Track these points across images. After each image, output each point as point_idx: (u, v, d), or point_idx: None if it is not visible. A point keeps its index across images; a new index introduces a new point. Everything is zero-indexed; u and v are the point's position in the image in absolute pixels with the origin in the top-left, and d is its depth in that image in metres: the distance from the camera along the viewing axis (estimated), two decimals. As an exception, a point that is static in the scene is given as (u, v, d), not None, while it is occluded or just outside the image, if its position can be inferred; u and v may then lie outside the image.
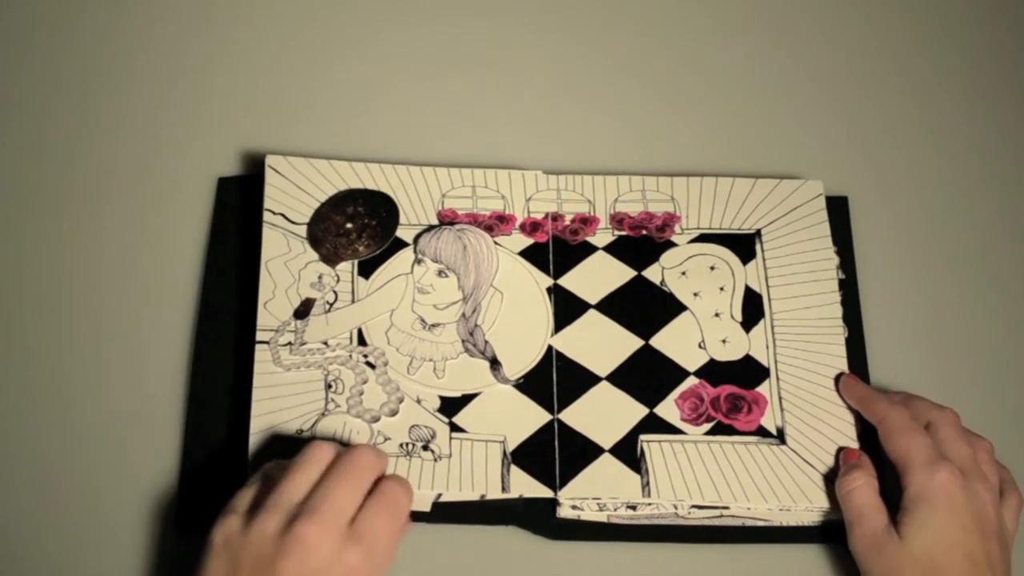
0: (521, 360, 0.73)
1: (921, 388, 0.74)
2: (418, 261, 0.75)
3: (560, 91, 0.86)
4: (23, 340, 0.75)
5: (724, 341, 0.75)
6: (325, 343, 0.72)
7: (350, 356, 0.71)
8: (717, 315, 0.75)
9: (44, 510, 0.70)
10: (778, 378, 0.74)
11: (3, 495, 0.70)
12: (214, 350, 0.73)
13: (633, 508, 0.70)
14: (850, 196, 0.81)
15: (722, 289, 0.76)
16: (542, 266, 0.76)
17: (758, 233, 0.78)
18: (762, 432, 0.72)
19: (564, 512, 0.70)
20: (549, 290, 0.75)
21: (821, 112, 0.86)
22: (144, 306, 0.76)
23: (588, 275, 0.76)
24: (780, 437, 0.72)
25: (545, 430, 0.71)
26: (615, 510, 0.70)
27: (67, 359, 0.74)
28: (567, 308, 0.75)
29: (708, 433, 0.72)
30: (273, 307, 0.72)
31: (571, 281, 0.76)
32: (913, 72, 0.88)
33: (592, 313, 0.75)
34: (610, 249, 0.77)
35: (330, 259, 0.74)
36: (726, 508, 0.70)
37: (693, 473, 0.70)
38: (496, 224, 0.77)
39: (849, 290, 0.78)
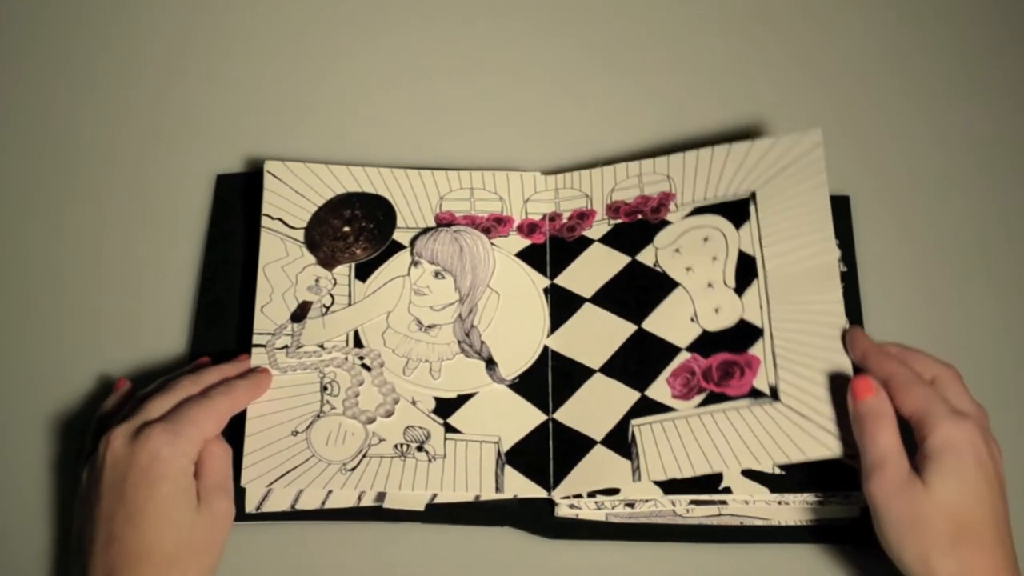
0: (517, 360, 0.73)
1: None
2: (415, 263, 0.76)
3: (553, 88, 0.86)
4: (22, 335, 0.76)
5: (717, 310, 0.73)
6: (321, 346, 0.72)
7: (346, 358, 0.72)
8: (710, 285, 0.73)
9: (44, 509, 0.71)
10: (772, 335, 0.71)
11: (3, 495, 0.72)
12: (211, 348, 0.74)
13: (631, 506, 0.70)
14: (852, 196, 0.81)
15: (715, 259, 0.74)
16: (539, 267, 0.76)
17: (752, 196, 0.75)
18: (755, 394, 0.69)
19: (562, 511, 0.70)
20: (546, 290, 0.76)
21: (823, 113, 0.85)
22: (143, 302, 0.77)
23: (584, 269, 0.76)
24: (773, 395, 0.69)
25: (540, 430, 0.71)
26: (612, 508, 0.70)
27: (67, 352, 0.75)
28: (563, 306, 0.75)
29: (700, 405, 0.70)
30: (270, 311, 0.73)
31: (567, 278, 0.76)
32: (913, 72, 0.87)
33: (587, 307, 0.75)
34: (606, 239, 0.76)
35: (327, 263, 0.75)
36: (724, 504, 0.69)
37: (684, 448, 0.68)
38: (494, 226, 0.77)
39: (850, 287, 0.77)
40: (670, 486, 0.69)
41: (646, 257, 0.75)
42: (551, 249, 0.77)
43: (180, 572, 0.62)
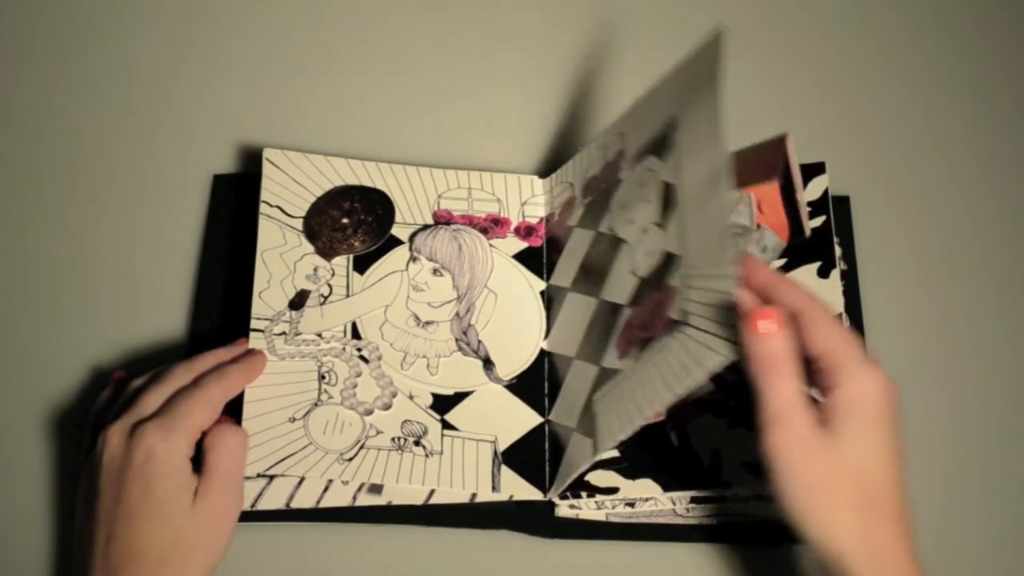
0: (514, 361, 0.73)
1: (921, 381, 0.73)
2: (413, 259, 0.75)
3: (553, 87, 0.86)
4: (21, 332, 0.76)
5: (648, 253, 0.68)
6: (319, 335, 0.71)
7: (344, 349, 0.71)
8: (644, 231, 0.68)
9: (42, 504, 0.70)
10: (685, 255, 0.64)
11: (3, 496, 0.71)
12: (210, 344, 0.72)
13: (631, 506, 0.69)
14: (851, 196, 0.81)
15: (648, 201, 0.68)
16: (536, 270, 0.76)
17: (675, 121, 0.67)
18: (671, 325, 0.63)
19: (562, 511, 0.69)
20: (542, 293, 0.75)
21: (824, 114, 0.86)
22: (140, 301, 0.77)
23: (567, 261, 0.75)
24: (684, 320, 0.63)
25: (536, 432, 0.71)
26: (612, 508, 0.69)
27: (65, 348, 0.75)
28: (555, 305, 0.74)
29: (636, 358, 0.66)
30: (268, 297, 0.72)
31: (557, 275, 0.75)
32: (913, 72, 0.88)
33: (568, 297, 0.74)
34: (581, 222, 0.75)
35: (326, 253, 0.74)
36: (724, 503, 0.69)
37: (625, 407, 0.65)
38: (491, 227, 0.77)
39: (850, 287, 0.77)
40: (670, 484, 0.69)
41: (604, 225, 0.72)
42: (548, 251, 0.77)
43: (177, 570, 0.61)
